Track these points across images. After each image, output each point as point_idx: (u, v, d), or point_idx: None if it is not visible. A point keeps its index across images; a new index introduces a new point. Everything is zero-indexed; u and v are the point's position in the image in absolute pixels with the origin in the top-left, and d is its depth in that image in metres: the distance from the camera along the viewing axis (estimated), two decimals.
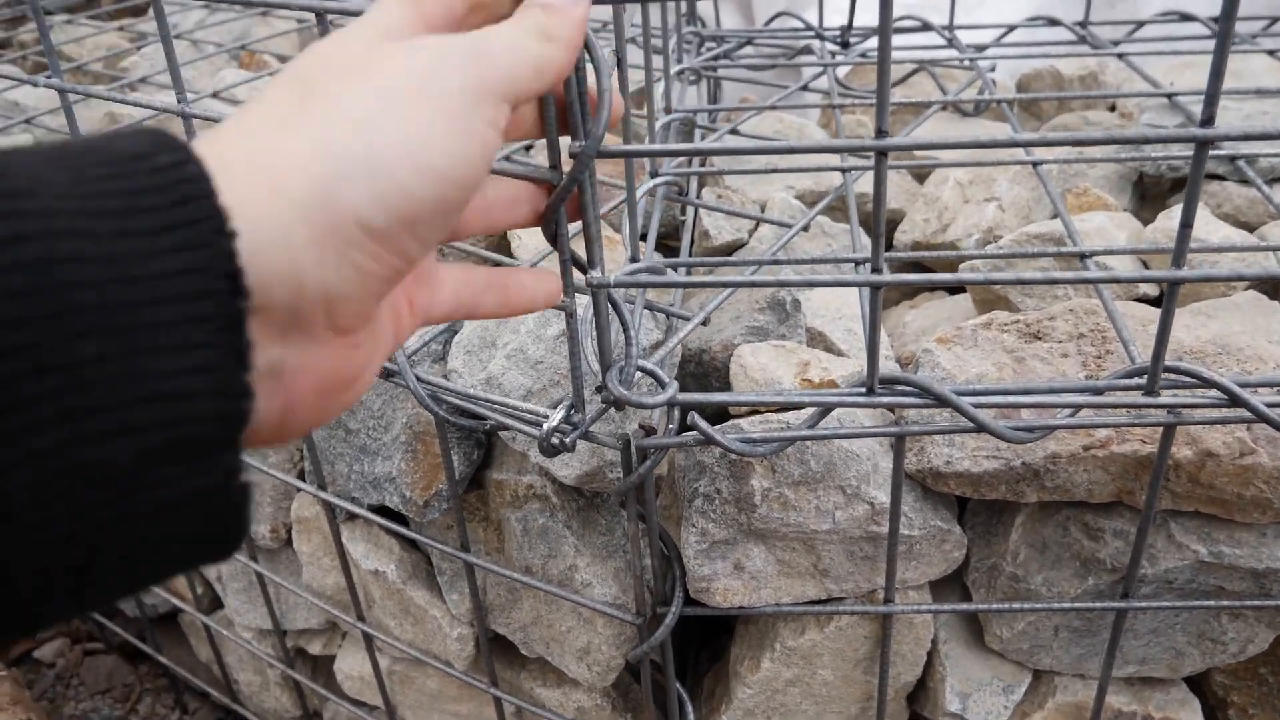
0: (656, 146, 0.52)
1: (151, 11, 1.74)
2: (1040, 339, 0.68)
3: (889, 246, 0.95)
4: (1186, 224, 0.49)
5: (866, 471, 0.64)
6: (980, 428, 0.55)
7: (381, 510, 0.81)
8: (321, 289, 0.31)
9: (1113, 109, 1.07)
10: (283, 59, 1.39)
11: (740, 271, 0.74)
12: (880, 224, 0.50)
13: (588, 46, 0.52)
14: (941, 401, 0.55)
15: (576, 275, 0.55)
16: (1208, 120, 0.47)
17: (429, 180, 0.33)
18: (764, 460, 0.62)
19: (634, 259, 0.71)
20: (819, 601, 0.68)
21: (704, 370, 0.74)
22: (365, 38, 0.36)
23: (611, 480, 0.67)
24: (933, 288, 0.58)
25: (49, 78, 0.77)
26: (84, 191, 0.27)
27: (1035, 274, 0.51)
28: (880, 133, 0.48)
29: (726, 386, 0.73)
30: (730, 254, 0.89)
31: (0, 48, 1.67)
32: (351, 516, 0.85)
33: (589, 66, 0.50)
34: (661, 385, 0.58)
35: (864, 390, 0.57)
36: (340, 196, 0.31)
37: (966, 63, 1.04)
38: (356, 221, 0.31)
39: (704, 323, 0.69)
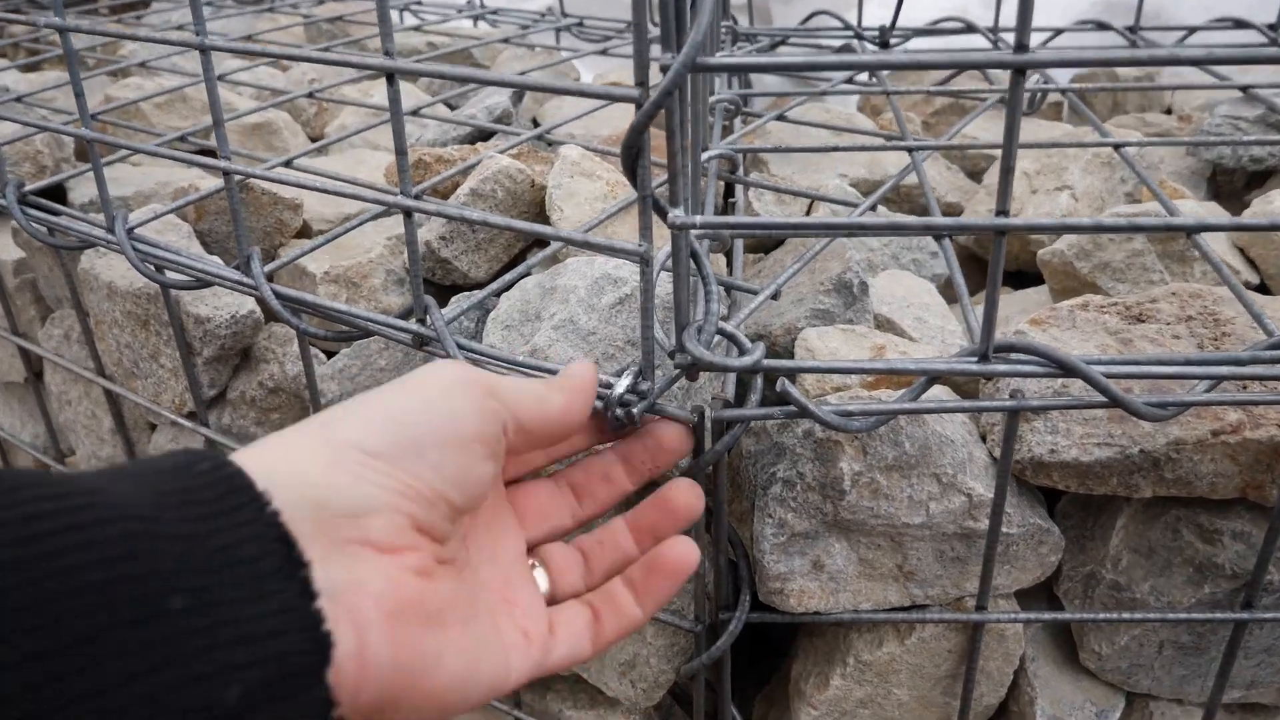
0: (764, 59, 0.46)
1: (152, 6, 1.68)
2: (1144, 321, 0.62)
3: None
4: None
5: (962, 459, 0.57)
6: (1114, 401, 0.48)
7: None
8: (342, 504, 0.35)
9: (1169, 112, 1.02)
10: None
11: (811, 246, 0.68)
12: (1009, 179, 0.44)
13: None
14: (1067, 370, 0.49)
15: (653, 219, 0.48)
16: None
17: (418, 413, 0.39)
18: (854, 440, 0.55)
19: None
20: (902, 609, 0.60)
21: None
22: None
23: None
24: (1066, 229, 0.52)
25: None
26: (144, 491, 0.32)
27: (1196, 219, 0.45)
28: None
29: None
30: (781, 240, 0.82)
31: None
32: None
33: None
34: (741, 350, 0.51)
35: (976, 358, 0.50)
36: (338, 432, 0.37)
37: None
38: (354, 445, 0.37)
39: (774, 296, 0.62)
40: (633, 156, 0.47)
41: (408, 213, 0.56)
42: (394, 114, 0.53)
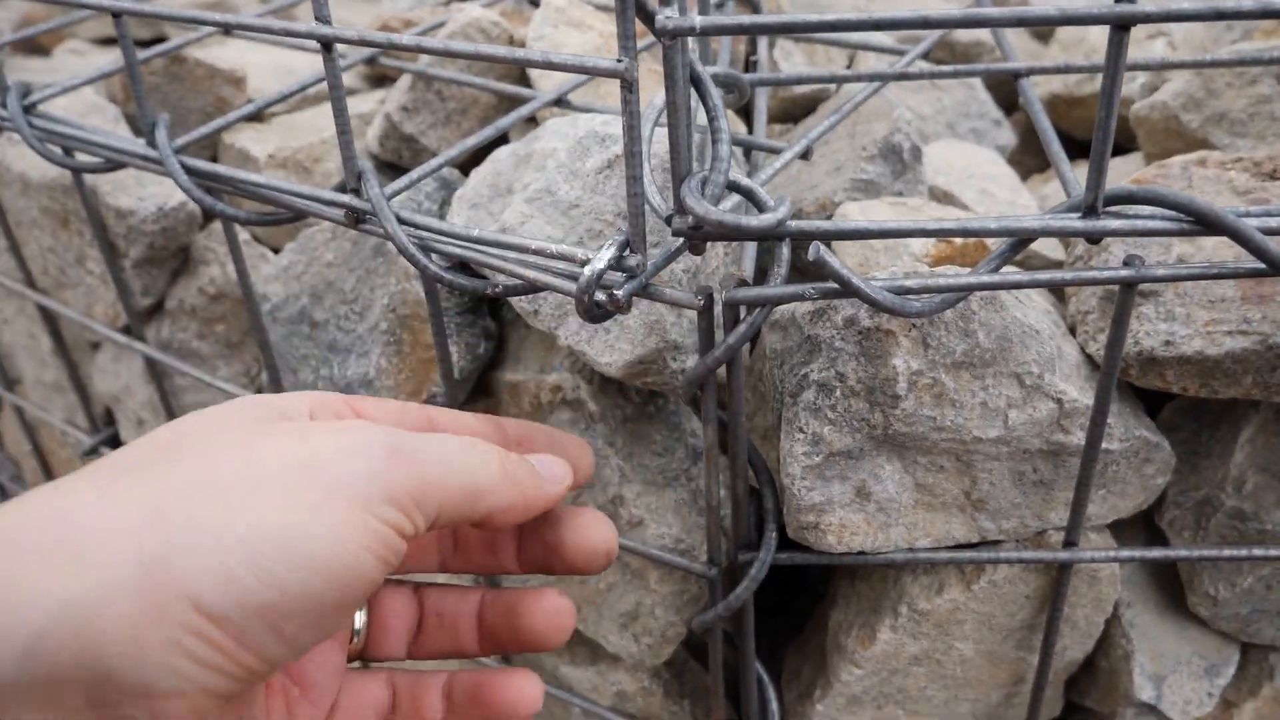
0: None
1: None
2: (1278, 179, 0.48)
3: (1012, 110, 0.75)
4: None
5: (1050, 355, 0.44)
6: (1275, 267, 0.35)
7: None
8: (137, 679, 0.25)
9: None
10: None
11: (846, 101, 0.54)
12: None
13: None
14: (1210, 224, 0.36)
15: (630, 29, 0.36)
16: None
17: (301, 570, 0.27)
18: (911, 329, 0.42)
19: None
20: (969, 546, 0.48)
21: None
22: (253, 413, 0.31)
23: (675, 371, 0.48)
24: (1213, 17, 0.39)
25: None
26: None
27: None
28: None
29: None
30: (813, 108, 0.69)
31: None
32: None
33: None
34: (760, 209, 0.39)
35: (1079, 212, 0.37)
36: (172, 567, 0.26)
37: None
38: (190, 599, 0.26)
39: (805, 155, 0.49)
40: None
41: (326, 45, 0.43)
42: None
